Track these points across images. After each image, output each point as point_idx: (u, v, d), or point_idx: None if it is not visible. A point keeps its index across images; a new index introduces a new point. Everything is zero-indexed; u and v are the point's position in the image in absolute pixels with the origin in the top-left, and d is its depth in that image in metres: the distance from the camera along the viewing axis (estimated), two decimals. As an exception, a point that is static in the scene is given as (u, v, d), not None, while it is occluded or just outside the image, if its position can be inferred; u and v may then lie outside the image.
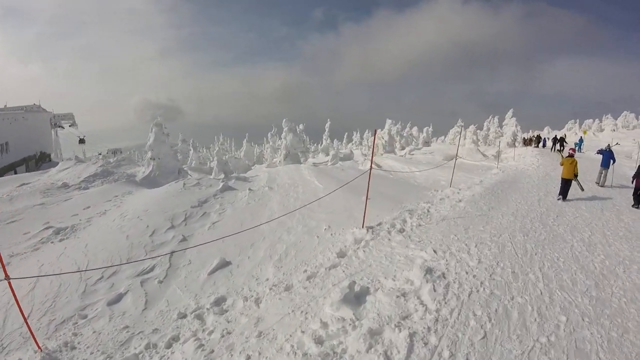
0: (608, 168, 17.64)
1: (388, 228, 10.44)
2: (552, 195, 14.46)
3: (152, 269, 10.45)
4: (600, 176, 17.94)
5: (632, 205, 13.11)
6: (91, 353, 6.81)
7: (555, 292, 6.30)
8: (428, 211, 12.20)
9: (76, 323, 7.97)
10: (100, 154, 56.89)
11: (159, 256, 11.12)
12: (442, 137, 64.90)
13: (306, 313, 6.59)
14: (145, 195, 19.36)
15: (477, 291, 6.30)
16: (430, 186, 18.72)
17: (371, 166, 11.94)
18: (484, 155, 32.26)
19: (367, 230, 10.29)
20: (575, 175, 13.77)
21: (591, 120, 71.74)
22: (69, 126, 64.17)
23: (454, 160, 18.14)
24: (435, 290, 6.27)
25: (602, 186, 17.49)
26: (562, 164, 14.07)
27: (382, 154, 35.14)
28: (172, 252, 11.39)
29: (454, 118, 48.65)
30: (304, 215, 13.88)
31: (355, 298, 6.37)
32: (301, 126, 40.01)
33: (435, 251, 8.24)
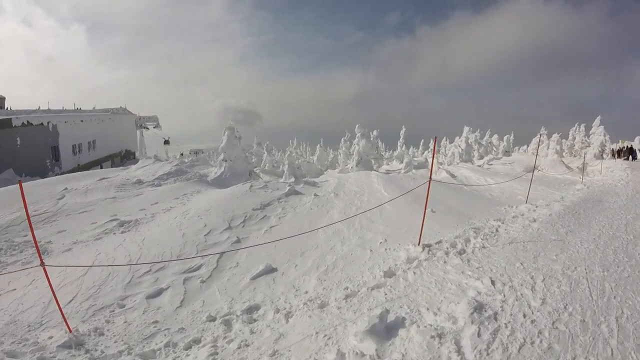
0: None
1: (447, 248, 9.34)
2: None
3: (198, 268, 10.49)
4: None
5: None
6: (115, 342, 6.93)
7: (630, 354, 4.88)
8: (496, 230, 10.94)
9: (113, 311, 8.26)
10: (181, 154, 59.73)
11: (208, 255, 11.22)
12: (525, 146, 60.99)
13: (329, 338, 5.97)
14: (211, 195, 19.50)
15: (532, 343, 5.04)
16: (505, 200, 17.42)
17: (430, 175, 11.40)
18: (568, 167, 29.48)
19: (423, 249, 9.31)
20: None
21: None
22: (154, 127, 69.34)
23: (532, 173, 16.43)
24: (479, 336, 5.17)
25: None
26: None
27: (457, 163, 33.57)
28: (223, 253, 11.40)
29: (537, 125, 45.73)
30: (362, 225, 13.38)
31: (386, 330, 5.49)
32: (375, 132, 39.16)
33: (493, 282, 7.05)
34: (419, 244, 9.53)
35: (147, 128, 69.89)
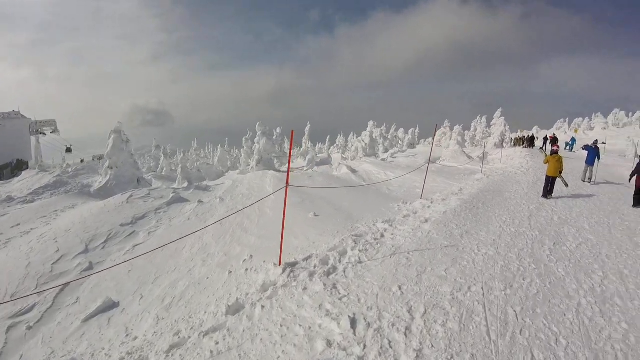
0: (593, 165, 17.07)
1: (314, 266, 7.16)
2: (546, 208, 11.14)
3: (30, 309, 9.07)
4: (586, 173, 17.27)
5: (633, 206, 11.77)
6: None
7: None
8: (381, 236, 8.88)
9: None
10: (82, 161, 54.21)
11: (45, 290, 9.55)
12: (430, 139, 60.23)
13: None
14: (82, 211, 17.36)
15: None
16: (402, 195, 15.83)
17: (287, 179, 8.72)
18: (469, 157, 28.63)
19: (284, 270, 7.09)
20: (560, 172, 12.90)
21: (581, 119, 69.60)
22: (51, 132, 61.69)
23: (427, 165, 14.63)
24: None
25: (588, 182, 16.85)
26: (546, 162, 13.33)
27: (361, 157, 32.03)
28: (66, 284, 9.97)
29: (446, 119, 45.49)
30: (234, 237, 11.87)
31: None
32: (279, 130, 37.57)
33: (354, 323, 4.87)
34: (279, 263, 7.37)
35: (44, 134, 60.55)
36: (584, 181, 17.09)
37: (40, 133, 60.03)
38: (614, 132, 55.77)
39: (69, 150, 61.12)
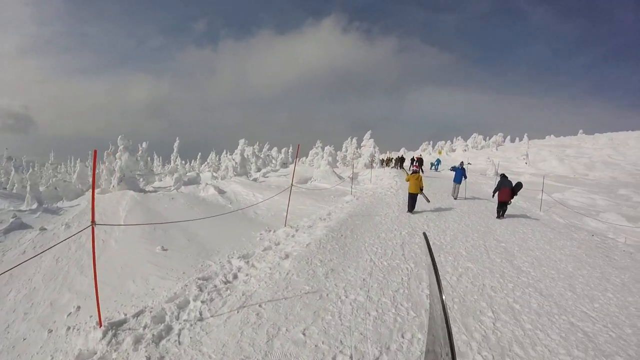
0: (460, 183, 18.09)
1: (145, 326, 5.48)
2: (418, 233, 10.09)
3: None
4: (455, 191, 18.20)
5: (497, 217, 13.33)
6: None
7: None
8: (234, 278, 7.29)
9: None
10: None
11: None
12: (304, 158, 59.90)
13: None
14: None
15: None
16: (269, 220, 14.36)
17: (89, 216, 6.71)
18: (340, 177, 27.69)
19: (105, 333, 5.28)
20: (421, 189, 13.41)
21: (443, 141, 73.10)
22: None
23: (290, 190, 13.09)
24: None
25: (456, 199, 17.85)
26: (407, 180, 13.68)
27: (231, 177, 30.00)
28: None
29: (318, 139, 44.88)
30: (68, 278, 10.07)
31: None
32: (144, 144, 34.28)
33: None
34: (99, 324, 5.49)
35: None
36: (454, 198, 17.90)
37: None
38: (473, 153, 60.02)
39: None
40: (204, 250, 10.44)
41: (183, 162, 48.04)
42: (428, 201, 14.06)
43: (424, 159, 36.00)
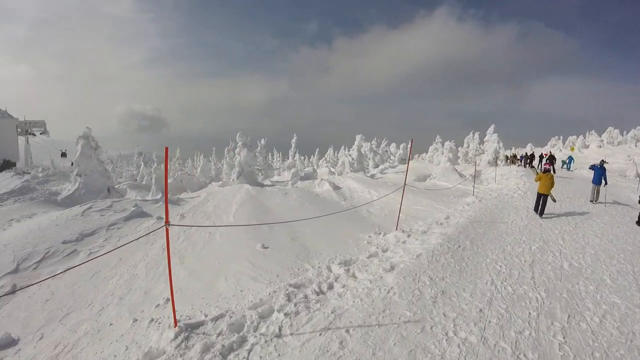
0: (600, 185, 15.94)
1: (220, 333, 5.19)
2: (551, 248, 8.32)
3: None
4: (594, 194, 16.07)
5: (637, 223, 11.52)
6: None
7: None
8: (329, 288, 6.50)
9: None
10: (72, 163, 51.88)
11: None
12: (424, 154, 57.38)
13: None
14: (34, 222, 15.02)
15: None
16: (381, 221, 13.17)
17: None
18: (461, 175, 25.57)
19: (177, 335, 5.13)
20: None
21: (574, 136, 63.74)
22: (40, 134, 58.75)
23: (403, 190, 11.70)
24: None
25: (594, 203, 15.58)
26: (537, 180, 12.71)
27: (347, 173, 29.29)
28: None
29: (437, 135, 42.60)
30: (155, 273, 9.52)
31: None
32: (263, 141, 34.80)
33: None
34: (174, 325, 5.36)
35: (33, 134, 57.92)
36: (592, 202, 15.72)
37: (30, 134, 57.19)
38: (609, 150, 51.80)
39: (64, 154, 57.71)
40: (305, 250, 9.63)
41: (302, 157, 48.28)
42: (554, 201, 13.12)
43: (555, 156, 32.34)
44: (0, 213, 17.56)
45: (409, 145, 11.64)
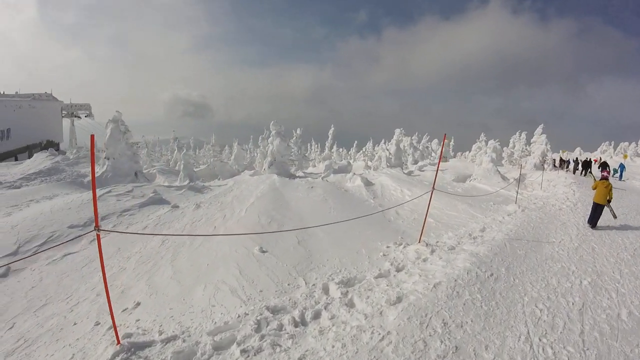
0: None
1: None
2: (607, 286, 6.35)
3: None
4: None
5: None
6: None
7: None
8: (314, 318, 5.29)
9: None
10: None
11: None
12: (467, 152, 54.37)
13: None
14: (50, 204, 14.64)
15: None
16: (407, 227, 11.52)
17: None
18: (504, 178, 23.13)
19: (117, 354, 4.51)
20: (609, 201, 11.00)
21: (627, 143, 57.40)
22: (85, 116, 61.24)
23: (430, 195, 9.65)
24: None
25: None
26: (594, 187, 11.38)
27: (383, 168, 27.59)
28: None
29: (482, 132, 40.08)
30: (155, 267, 8.68)
31: None
32: (298, 131, 33.66)
33: None
34: (117, 342, 4.71)
35: (79, 117, 61.30)
36: None
37: (75, 116, 59.23)
38: None
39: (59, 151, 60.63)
40: (307, 259, 8.16)
41: (339, 150, 47.05)
42: (615, 217, 11.29)
43: (608, 163, 29.30)
44: (23, 193, 17.31)
45: (442, 142, 9.65)
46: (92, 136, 4.20)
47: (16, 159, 41.02)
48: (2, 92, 48.25)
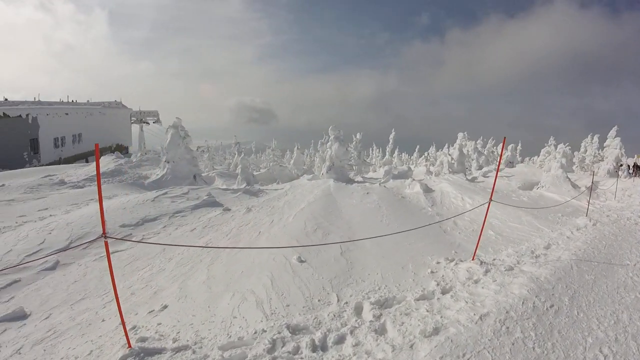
0: None
1: None
2: None
3: None
4: None
5: None
6: None
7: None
8: (332, 345, 4.71)
9: None
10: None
11: None
12: (535, 157, 51.14)
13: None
14: (108, 203, 14.88)
15: None
16: (464, 239, 10.65)
17: None
18: (575, 186, 20.94)
19: None
20: None
21: None
22: (154, 122, 66.74)
23: (488, 206, 8.56)
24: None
25: None
26: None
27: (445, 174, 26.36)
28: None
29: (555, 136, 37.65)
30: (186, 269, 8.58)
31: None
32: (358, 135, 32.98)
33: None
34: (128, 345, 4.91)
35: (148, 123, 65.56)
36: None
37: (144, 122, 63.43)
38: None
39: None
40: (347, 272, 7.49)
41: (401, 154, 45.99)
42: None
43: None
44: (85, 193, 17.76)
45: (502, 145, 8.50)
46: (97, 145, 4.05)
47: (87, 161, 43.83)
48: (74, 101, 51.32)
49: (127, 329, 5.43)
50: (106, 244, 4.45)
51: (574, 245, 9.14)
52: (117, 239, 6.63)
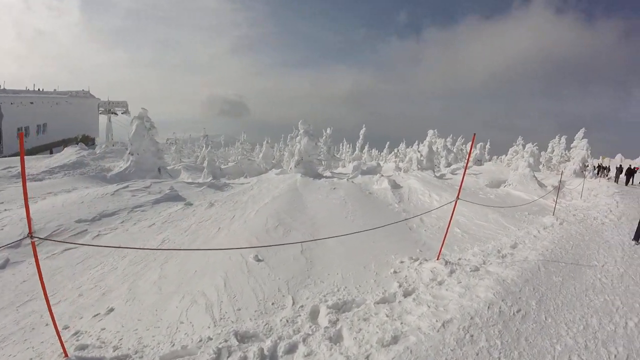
0: None
1: None
2: None
3: None
4: None
5: None
6: None
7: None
8: (282, 355, 4.28)
9: None
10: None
11: None
12: (503, 156, 51.21)
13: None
14: (65, 197, 14.51)
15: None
16: (430, 236, 10.32)
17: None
18: (541, 185, 21.16)
19: None
20: None
21: None
22: (122, 113, 64.59)
23: (454, 204, 8.27)
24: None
25: None
26: None
27: (414, 170, 26.27)
28: None
29: (524, 136, 38.26)
30: (139, 268, 8.09)
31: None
32: (328, 130, 32.88)
33: None
34: (64, 354, 4.52)
35: (116, 114, 63.40)
36: None
37: (112, 113, 61.69)
38: None
39: None
40: (306, 272, 7.09)
41: (371, 150, 46.07)
42: None
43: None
44: (43, 186, 17.27)
45: (471, 142, 8.16)
46: (21, 134, 3.57)
47: (51, 152, 41.70)
48: (41, 89, 49.61)
49: (70, 334, 5.34)
50: (33, 244, 4.02)
51: (541, 245, 8.95)
52: (43, 239, 6.16)
